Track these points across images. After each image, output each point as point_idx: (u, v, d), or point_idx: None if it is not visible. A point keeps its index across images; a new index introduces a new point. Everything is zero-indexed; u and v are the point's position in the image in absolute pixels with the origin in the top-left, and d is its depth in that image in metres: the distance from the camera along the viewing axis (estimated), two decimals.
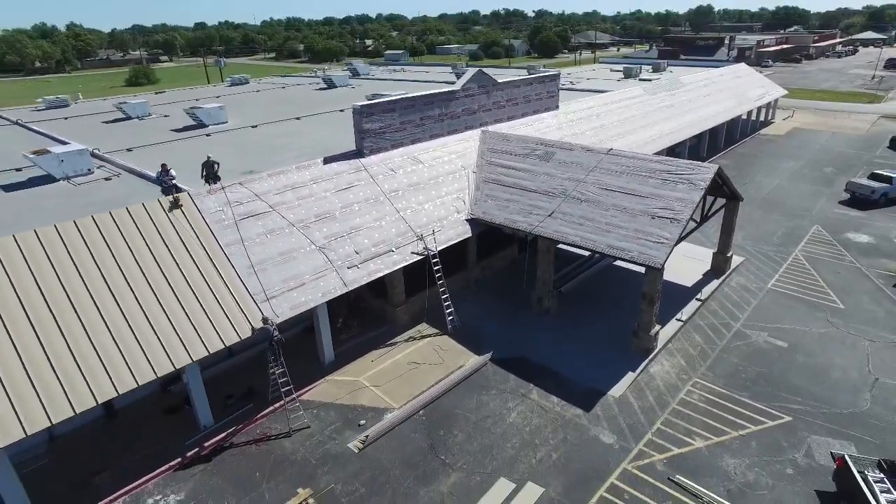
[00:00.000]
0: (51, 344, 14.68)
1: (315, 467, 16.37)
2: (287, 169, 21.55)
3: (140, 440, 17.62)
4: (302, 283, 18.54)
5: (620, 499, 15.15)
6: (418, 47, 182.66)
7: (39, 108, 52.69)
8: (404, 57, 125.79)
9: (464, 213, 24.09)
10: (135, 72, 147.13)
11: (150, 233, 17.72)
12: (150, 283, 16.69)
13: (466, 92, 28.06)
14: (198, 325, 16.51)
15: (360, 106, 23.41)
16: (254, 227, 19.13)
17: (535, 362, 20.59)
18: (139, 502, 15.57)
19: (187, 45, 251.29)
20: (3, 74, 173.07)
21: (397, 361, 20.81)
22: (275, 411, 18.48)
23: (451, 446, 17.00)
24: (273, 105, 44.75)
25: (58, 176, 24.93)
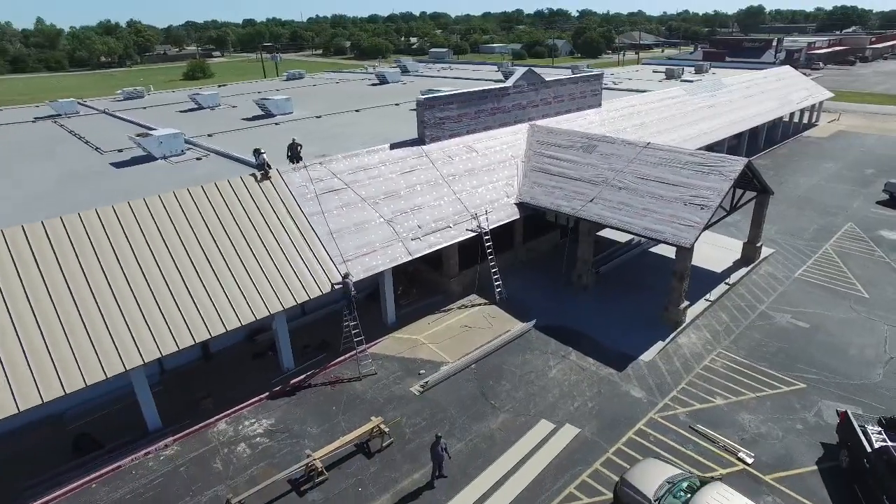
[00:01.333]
0: (174, 285, 17.99)
1: (382, 405, 19.25)
2: (359, 152, 24.58)
3: (233, 378, 20.85)
4: (373, 249, 21.50)
5: (646, 440, 17.52)
6: (462, 46, 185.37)
7: (118, 99, 57.50)
8: (448, 55, 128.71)
9: (513, 197, 26.65)
10: (191, 66, 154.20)
11: (246, 202, 20.94)
12: (248, 242, 19.89)
13: (517, 89, 30.59)
14: (287, 279, 19.62)
15: (423, 99, 26.21)
16: (332, 201, 22.19)
17: (574, 330, 23.05)
18: (239, 422, 18.76)
19: (238, 42, 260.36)
20: (73, 69, 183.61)
21: (451, 325, 23.60)
22: (345, 360, 21.48)
23: (500, 393, 19.67)
24: (331, 98, 48.08)
25: (157, 155, 28.52)
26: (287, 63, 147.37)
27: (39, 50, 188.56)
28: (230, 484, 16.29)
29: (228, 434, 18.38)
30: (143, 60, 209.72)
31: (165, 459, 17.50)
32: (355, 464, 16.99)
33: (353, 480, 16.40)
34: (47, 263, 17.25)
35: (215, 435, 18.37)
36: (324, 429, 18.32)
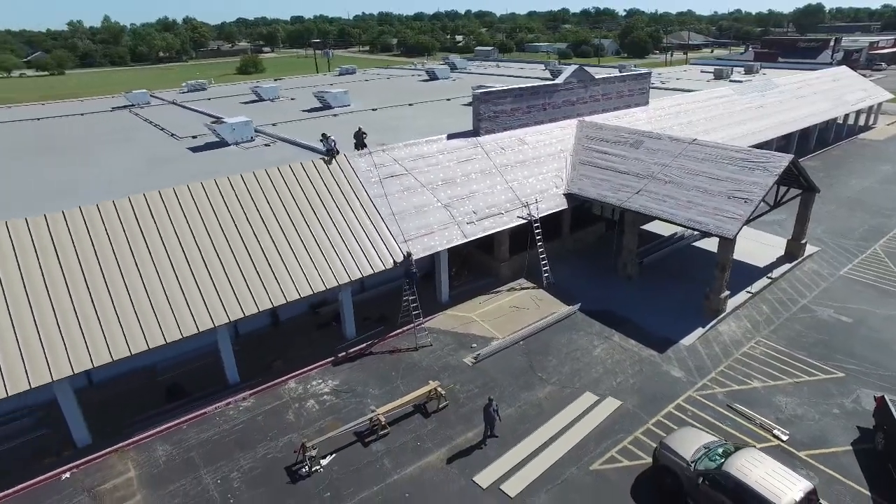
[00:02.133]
0: (254, 255, 20.11)
1: (438, 373, 20.92)
2: (418, 141, 26.34)
3: (299, 343, 22.88)
4: (431, 231, 23.22)
5: (684, 414, 18.67)
6: (507, 44, 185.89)
7: (183, 91, 60.96)
8: (494, 53, 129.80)
9: (562, 188, 27.96)
10: (244, 61, 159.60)
11: (317, 183, 22.95)
12: (319, 220, 21.88)
13: (568, 85, 31.84)
14: (354, 254, 21.52)
15: (479, 93, 27.77)
16: (394, 185, 24.00)
17: (618, 314, 24.25)
18: (307, 382, 20.75)
19: (287, 38, 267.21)
20: (134, 63, 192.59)
21: (500, 305, 25.12)
22: (402, 332, 23.25)
23: (547, 367, 21.11)
24: (384, 93, 50.11)
25: (229, 141, 30.92)
26: (337, 59, 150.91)
27: (105, 46, 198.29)
28: (302, 433, 18.20)
29: (298, 391, 20.39)
30: (197, 56, 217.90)
31: (244, 409, 19.59)
32: (414, 422, 18.71)
33: (411, 436, 18.12)
34: (151, 232, 19.58)
35: (286, 391, 20.40)
36: (384, 391, 20.12)
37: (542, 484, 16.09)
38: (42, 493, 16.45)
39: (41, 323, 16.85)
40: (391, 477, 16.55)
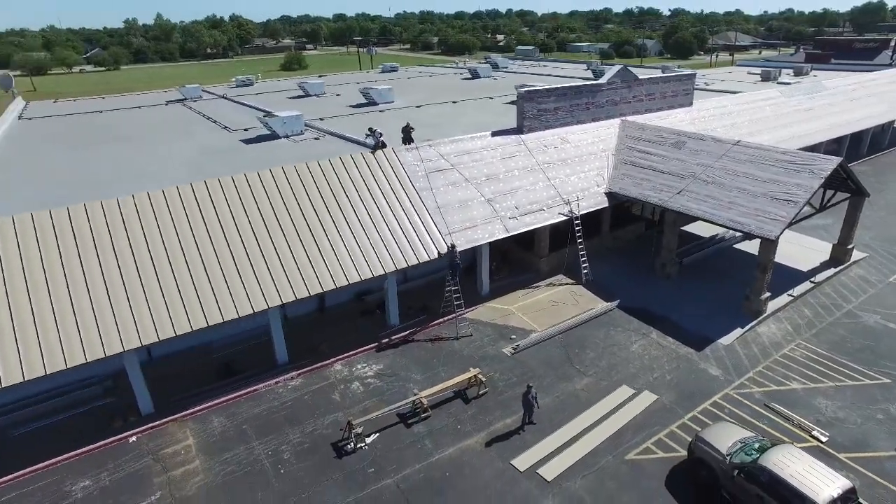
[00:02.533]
0: (306, 242, 21.16)
1: (477, 361, 21.60)
2: (463, 138, 27.07)
3: (344, 329, 23.88)
4: (475, 224, 23.93)
5: (721, 411, 18.89)
6: (549, 44, 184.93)
7: (232, 86, 63.16)
8: (535, 53, 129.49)
9: (603, 187, 28.27)
10: (288, 58, 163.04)
11: (366, 175, 23.91)
12: (367, 210, 22.83)
13: (611, 85, 32.07)
14: (400, 244, 22.39)
15: (524, 92, 28.31)
16: (439, 179, 24.79)
17: (656, 312, 24.49)
18: (352, 365, 21.72)
19: (329, 35, 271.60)
20: (183, 59, 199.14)
21: (539, 299, 25.66)
22: (444, 322, 24.01)
23: (584, 360, 21.58)
24: (427, 90, 51.01)
25: (280, 134, 32.25)
26: (379, 57, 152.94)
27: (156, 42, 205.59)
28: (348, 412, 19.14)
29: (343, 374, 21.37)
30: (242, 52, 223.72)
31: (292, 388, 20.67)
32: (454, 406, 19.45)
33: (452, 419, 18.87)
34: (211, 217, 20.83)
35: (332, 373, 21.41)
36: (426, 376, 20.92)
37: (578, 470, 16.62)
38: (114, 452, 17.82)
39: (114, 298, 18.21)
40: (432, 457, 17.33)
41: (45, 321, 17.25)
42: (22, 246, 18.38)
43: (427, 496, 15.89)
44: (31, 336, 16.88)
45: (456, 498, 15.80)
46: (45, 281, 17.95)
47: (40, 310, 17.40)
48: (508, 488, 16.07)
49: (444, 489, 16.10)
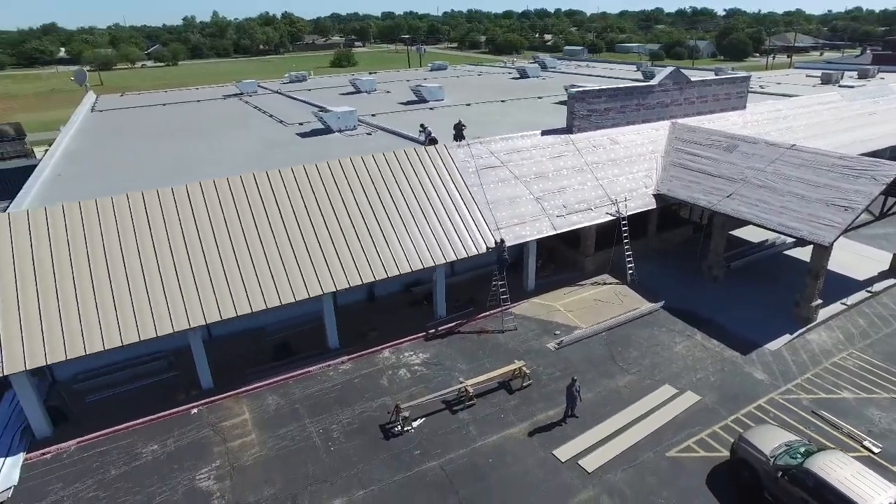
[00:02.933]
0: (360, 232, 22.08)
1: (521, 355, 22.07)
2: (513, 136, 27.57)
3: (393, 318, 24.71)
4: (523, 221, 24.41)
5: (766, 415, 18.84)
6: (597, 44, 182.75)
7: (285, 81, 65.14)
8: (583, 53, 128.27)
9: (651, 188, 28.28)
10: (338, 55, 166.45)
11: (418, 170, 24.69)
12: (419, 204, 23.58)
13: (662, 87, 31.93)
14: (450, 238, 23.08)
15: (575, 92, 28.57)
16: (489, 176, 25.37)
17: (701, 315, 24.43)
18: (400, 353, 22.53)
19: (378, 33, 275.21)
20: (236, 55, 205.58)
21: (584, 298, 25.94)
22: (489, 316, 24.57)
23: (627, 358, 21.80)
24: (476, 89, 51.53)
25: (334, 129, 33.37)
26: (428, 55, 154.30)
27: (212, 39, 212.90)
28: (395, 397, 19.92)
29: (391, 361, 22.19)
30: (293, 49, 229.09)
31: (343, 372, 21.61)
32: (498, 397, 20.01)
33: (496, 409, 19.43)
34: (271, 205, 21.99)
35: (381, 360, 22.26)
36: (471, 366, 21.53)
37: (618, 463, 16.94)
38: (177, 422, 19.12)
39: (182, 279, 19.51)
40: (476, 443, 17.93)
41: (122, 298, 18.64)
42: (104, 227, 19.88)
43: (470, 480, 16.50)
44: (110, 310, 18.29)
45: (498, 483, 16.36)
46: (122, 261, 19.38)
47: (118, 287, 18.81)
48: (549, 477, 16.53)
49: (486, 474, 16.68)
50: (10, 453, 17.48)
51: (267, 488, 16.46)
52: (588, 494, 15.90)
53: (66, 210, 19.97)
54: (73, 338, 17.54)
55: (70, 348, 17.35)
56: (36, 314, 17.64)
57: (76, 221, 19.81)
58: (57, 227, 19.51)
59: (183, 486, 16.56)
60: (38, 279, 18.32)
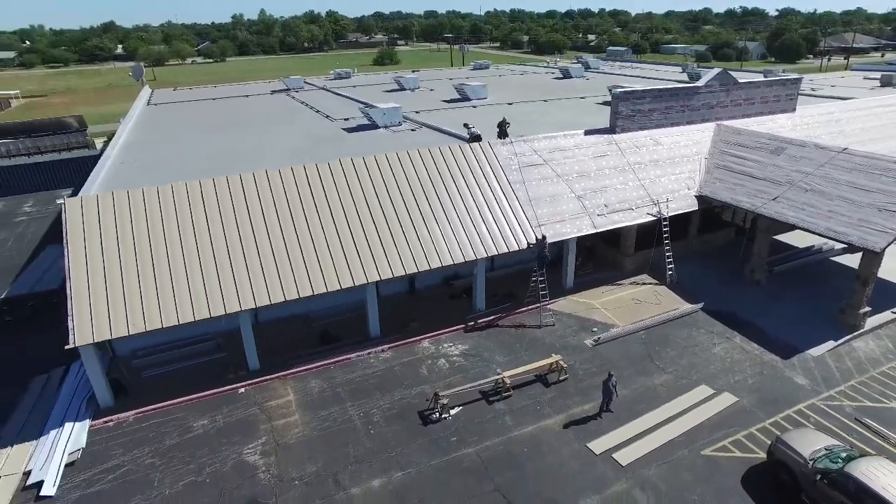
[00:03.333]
0: (404, 223, 22.74)
1: (558, 350, 22.33)
2: (556, 135, 27.82)
3: (433, 310, 25.29)
4: (563, 219, 24.67)
5: (806, 420, 18.66)
6: (642, 45, 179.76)
7: (330, 78, 66.56)
8: (627, 54, 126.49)
9: (693, 190, 28.10)
10: (380, 53, 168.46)
11: (461, 164, 25.23)
12: (462, 199, 24.12)
13: (709, 88, 31.60)
14: (491, 232, 23.54)
15: (619, 92, 28.60)
16: (532, 173, 25.71)
17: (742, 318, 24.21)
18: (439, 343, 23.11)
19: (420, 32, 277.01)
20: (282, 53, 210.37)
21: (622, 297, 26.02)
22: (527, 311, 24.92)
23: (664, 357, 21.84)
24: (519, 88, 51.73)
25: (379, 124, 34.17)
26: (471, 54, 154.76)
27: (259, 36, 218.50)
28: (434, 385, 20.48)
29: (431, 350, 22.79)
30: (337, 46, 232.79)
31: (383, 360, 22.32)
32: (534, 389, 20.37)
33: (532, 401, 19.80)
34: (319, 196, 22.89)
35: (420, 349, 22.88)
36: (508, 359, 21.95)
37: (653, 459, 17.10)
38: (225, 399, 20.14)
39: (234, 264, 20.54)
40: (511, 433, 18.35)
41: (179, 279, 19.78)
42: (164, 212, 21.11)
43: (506, 467, 16.94)
44: (167, 291, 19.43)
45: (533, 471, 16.74)
46: (179, 245, 20.53)
47: (176, 269, 19.96)
48: (584, 468, 16.83)
49: (522, 463, 17.08)
50: (78, 419, 18.78)
51: (310, 465, 17.25)
52: (621, 487, 16.14)
53: (131, 196, 21.25)
54: (135, 315, 18.72)
55: (132, 324, 18.52)
56: (103, 292, 18.89)
57: (139, 206, 21.06)
58: (122, 212, 20.79)
59: (231, 459, 17.50)
60: (104, 259, 19.59)
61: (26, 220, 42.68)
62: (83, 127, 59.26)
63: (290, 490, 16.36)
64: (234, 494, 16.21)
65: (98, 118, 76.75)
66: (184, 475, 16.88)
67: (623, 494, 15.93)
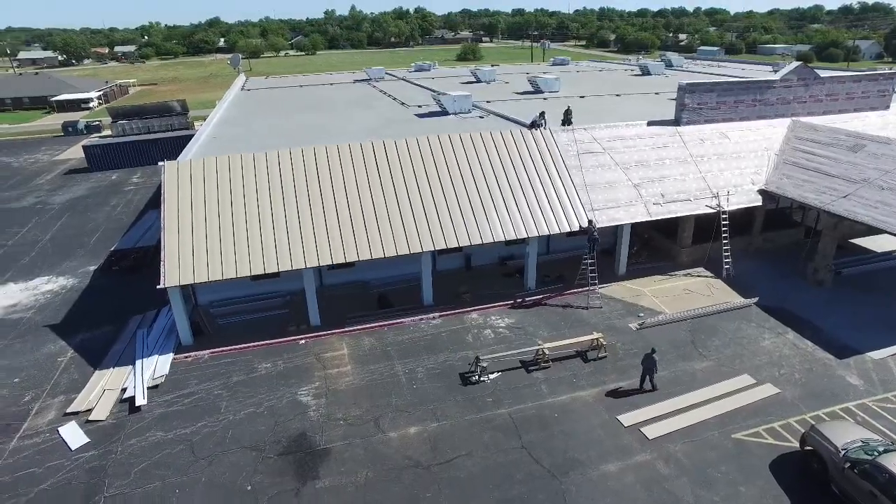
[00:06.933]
0: (461, 199, 24.00)
1: (603, 330, 22.82)
2: (618, 125, 28.15)
3: (485, 286, 26.43)
4: (618, 205, 25.10)
5: (852, 417, 18.26)
6: (737, 45, 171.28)
7: (411, 70, 68.85)
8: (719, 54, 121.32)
9: (758, 185, 27.55)
10: (464, 49, 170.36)
11: (521, 148, 26.20)
12: (519, 180, 25.09)
13: (785, 83, 30.66)
14: (545, 213, 24.42)
15: (685, 83, 28.47)
16: (589, 160, 26.26)
17: (798, 315, 23.66)
18: (487, 316, 24.26)
19: (506, 29, 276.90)
20: (370, 47, 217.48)
21: (674, 286, 26.07)
22: (577, 293, 25.55)
23: (709, 345, 21.89)
24: (594, 83, 51.61)
25: (450, 111, 35.60)
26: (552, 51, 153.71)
27: (348, 31, 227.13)
28: (477, 352, 21.63)
29: (478, 322, 23.97)
30: (423, 42, 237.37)
31: (433, 326, 23.73)
32: (573, 363, 21.09)
33: (569, 373, 20.56)
34: (384, 171, 24.64)
35: (469, 320, 24.11)
36: (552, 335, 22.73)
37: (680, 436, 17.43)
38: (287, 349, 22.29)
39: (302, 226, 22.65)
40: (545, 399, 19.23)
41: (254, 236, 22.11)
42: (245, 178, 23.58)
43: (535, 428, 17.87)
44: (243, 245, 21.78)
45: (560, 434, 17.58)
46: (256, 206, 22.87)
47: (251, 226, 22.31)
48: (610, 437, 17.46)
49: (550, 425, 17.96)
50: (163, 352, 21.55)
51: (355, 409, 18.94)
52: (644, 458, 16.67)
53: (218, 162, 23.84)
54: (214, 264, 21.18)
55: (211, 272, 21.00)
56: (189, 243, 21.50)
57: (224, 172, 23.62)
58: (210, 175, 23.43)
59: (287, 398, 19.51)
60: (192, 215, 22.22)
61: (134, 188, 47.67)
62: (185, 110, 64.83)
63: (335, 428, 18.11)
64: (286, 426, 18.17)
65: (199, 104, 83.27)
66: (246, 406, 19.06)
67: (645, 464, 16.45)
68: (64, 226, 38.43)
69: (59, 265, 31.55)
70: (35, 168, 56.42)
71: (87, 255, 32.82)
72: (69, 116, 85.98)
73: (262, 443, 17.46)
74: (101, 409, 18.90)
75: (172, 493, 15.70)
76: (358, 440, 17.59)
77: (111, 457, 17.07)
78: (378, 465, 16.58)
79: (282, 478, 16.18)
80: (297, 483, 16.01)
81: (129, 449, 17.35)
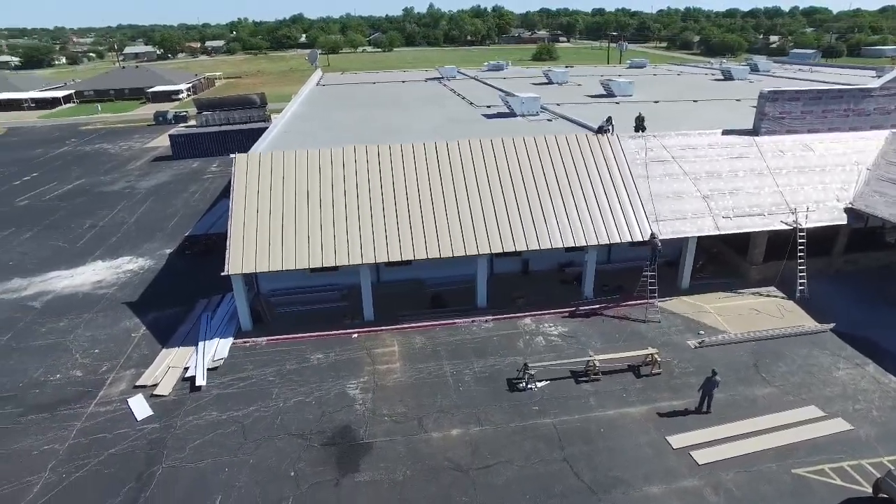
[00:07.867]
0: (520, 202, 23.75)
1: (659, 346, 21.95)
2: (690, 133, 26.97)
3: (542, 292, 26.06)
4: (684, 217, 24.08)
5: None
6: (837, 47, 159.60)
7: (484, 69, 68.83)
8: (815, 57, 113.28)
9: (844, 202, 25.62)
10: (540, 49, 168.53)
11: (586, 154, 25.64)
12: (581, 187, 24.57)
13: (886, 91, 28.29)
14: (606, 222, 23.79)
15: (767, 91, 26.86)
16: (657, 169, 25.32)
17: (882, 346, 21.81)
18: (540, 323, 23.92)
19: (585, 29, 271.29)
20: (446, 45, 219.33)
21: (741, 305, 24.72)
22: (635, 305, 24.72)
23: (773, 371, 20.60)
24: (671, 87, 49.73)
25: (517, 113, 35.30)
26: (630, 53, 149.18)
27: (425, 29, 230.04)
28: (527, 359, 21.32)
29: (531, 328, 23.67)
30: (499, 41, 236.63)
31: (485, 329, 23.65)
32: (625, 378, 20.43)
33: (619, 387, 19.93)
34: (445, 171, 24.75)
35: (521, 325, 23.86)
36: (605, 347, 22.12)
37: (734, 465, 16.51)
38: (340, 341, 22.87)
39: (362, 222, 23.16)
40: (592, 412, 18.74)
41: (314, 230, 22.82)
42: (309, 172, 24.33)
43: (578, 441, 17.45)
44: (303, 238, 22.53)
45: (604, 450, 17.08)
46: (318, 200, 23.57)
47: (312, 220, 23.02)
48: (656, 458, 16.79)
49: (595, 439, 17.49)
50: (224, 336, 22.64)
51: (400, 406, 19.17)
52: (692, 483, 15.91)
53: (286, 156, 24.76)
54: (275, 255, 22.01)
55: (271, 262, 21.85)
56: (253, 234, 22.46)
57: (291, 165, 24.50)
58: (277, 168, 24.36)
59: (336, 390, 20.01)
60: (258, 207, 23.18)
61: (211, 177, 50.33)
62: (264, 103, 67.56)
63: (379, 423, 18.40)
64: (332, 417, 18.65)
65: (277, 97, 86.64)
66: (296, 394, 19.72)
67: (692, 490, 15.70)
68: (147, 210, 41.13)
69: (140, 246, 33.80)
70: (128, 154, 60.70)
71: (164, 238, 34.98)
72: (161, 107, 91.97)
73: (309, 431, 18.01)
74: (166, 385, 20.11)
75: (221, 472, 16.48)
76: (400, 437, 17.80)
77: (171, 431, 18.13)
78: (417, 464, 16.72)
79: (324, 467, 16.64)
80: (338, 474, 16.41)
81: (187, 425, 18.36)
